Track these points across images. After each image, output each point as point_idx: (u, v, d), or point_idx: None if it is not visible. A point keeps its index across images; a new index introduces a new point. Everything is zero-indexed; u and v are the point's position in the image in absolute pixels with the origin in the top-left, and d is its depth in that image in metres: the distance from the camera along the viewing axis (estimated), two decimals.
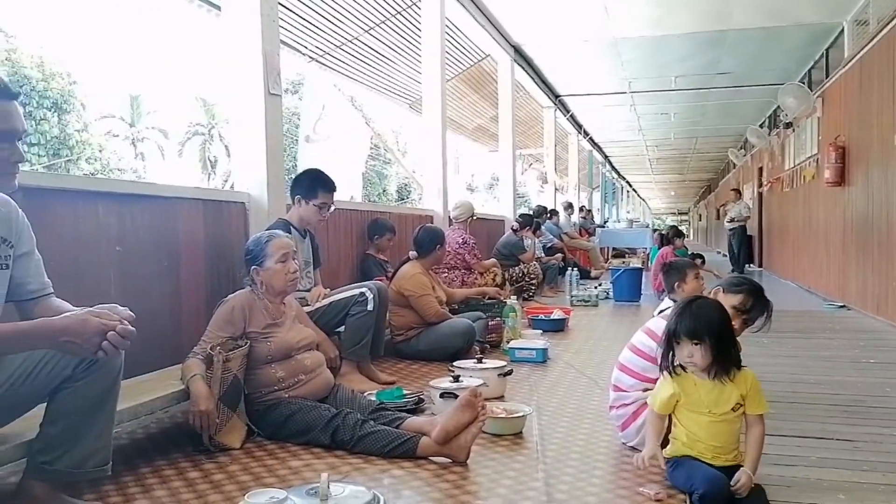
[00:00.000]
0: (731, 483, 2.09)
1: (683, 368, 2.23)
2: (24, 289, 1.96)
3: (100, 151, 30.62)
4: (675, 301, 3.73)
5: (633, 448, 2.60)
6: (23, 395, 1.89)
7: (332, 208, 3.78)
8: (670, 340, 2.21)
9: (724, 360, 2.17)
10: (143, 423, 2.93)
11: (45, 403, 1.92)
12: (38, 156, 26.19)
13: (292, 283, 2.91)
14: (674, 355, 2.22)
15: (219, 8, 4.66)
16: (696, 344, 2.16)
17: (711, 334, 2.15)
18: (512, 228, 8.36)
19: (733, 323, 2.38)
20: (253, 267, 2.88)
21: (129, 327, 1.78)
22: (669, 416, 2.30)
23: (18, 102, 1.84)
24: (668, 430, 2.32)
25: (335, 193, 3.81)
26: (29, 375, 1.87)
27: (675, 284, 3.59)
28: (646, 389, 2.58)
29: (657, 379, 2.52)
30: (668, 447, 2.27)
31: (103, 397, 1.94)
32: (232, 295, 2.90)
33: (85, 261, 2.69)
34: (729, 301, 2.59)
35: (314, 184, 3.71)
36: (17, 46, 26.66)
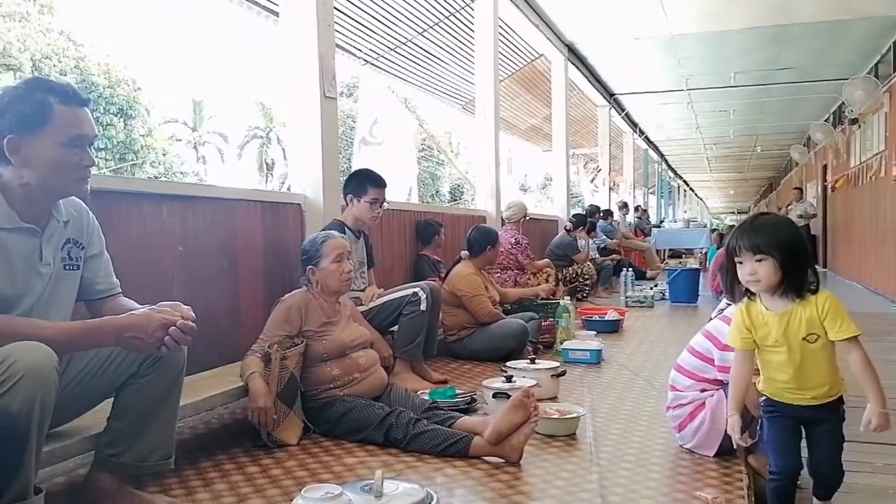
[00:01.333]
0: (862, 425, 1.93)
1: (750, 295, 2.01)
2: (94, 288, 2.04)
3: (163, 155, 31.56)
4: (728, 302, 3.66)
5: (690, 450, 2.56)
6: (91, 390, 1.97)
7: (385, 205, 3.82)
8: (732, 261, 1.99)
9: (797, 281, 1.90)
10: (203, 418, 3.02)
11: (113, 399, 1.99)
12: (105, 160, 27.14)
13: (347, 283, 2.96)
14: (737, 279, 1.99)
15: (277, 14, 4.77)
16: (760, 260, 1.91)
17: (778, 247, 1.90)
18: (565, 228, 8.29)
19: None
20: (309, 267, 2.94)
21: (190, 323, 1.84)
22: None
23: (88, 108, 1.90)
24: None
25: (386, 190, 3.84)
26: (97, 372, 1.95)
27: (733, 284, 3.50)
28: (703, 390, 2.53)
29: (715, 380, 2.48)
30: (759, 383, 2.07)
31: (167, 393, 2.00)
32: (288, 294, 2.96)
33: (150, 261, 2.78)
34: None
35: (363, 181, 3.76)
36: (85, 55, 27.69)
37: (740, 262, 1.98)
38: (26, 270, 1.84)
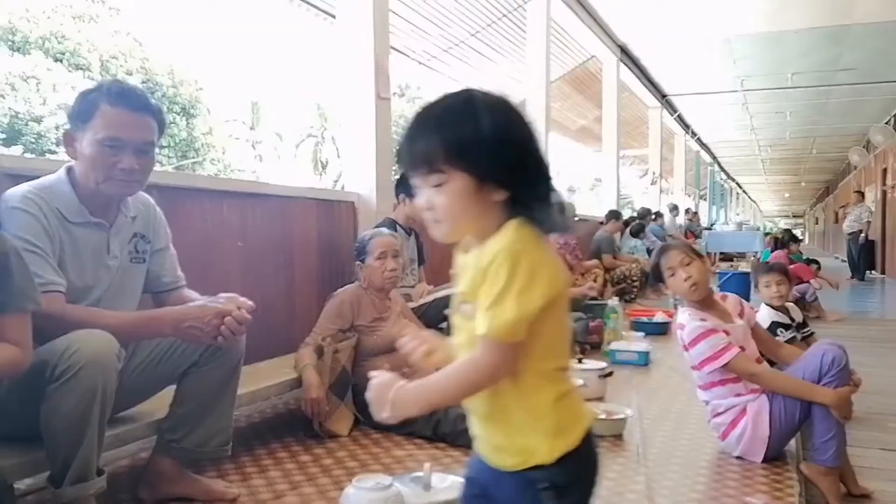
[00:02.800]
0: None
1: None
2: (160, 281, 2.13)
3: (223, 153, 32.24)
4: (773, 308, 3.60)
5: (738, 458, 2.53)
6: (154, 377, 2.06)
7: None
8: None
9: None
10: (259, 407, 3.11)
11: (175, 386, 2.07)
12: (168, 157, 27.85)
13: (390, 281, 2.98)
14: None
15: (333, 16, 4.85)
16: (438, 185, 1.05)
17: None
18: (599, 223, 8.17)
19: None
20: (357, 262, 3.01)
21: (245, 314, 1.91)
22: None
23: (143, 114, 1.89)
24: None
25: None
26: (160, 360, 2.03)
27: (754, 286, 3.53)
28: (737, 395, 2.50)
29: (721, 380, 2.47)
30: None
31: (226, 382, 2.08)
32: (342, 289, 3.03)
33: (210, 255, 2.88)
34: None
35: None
36: (150, 55, 28.46)
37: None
38: (94, 263, 1.93)
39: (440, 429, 2.63)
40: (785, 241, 8.68)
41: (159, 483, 2.08)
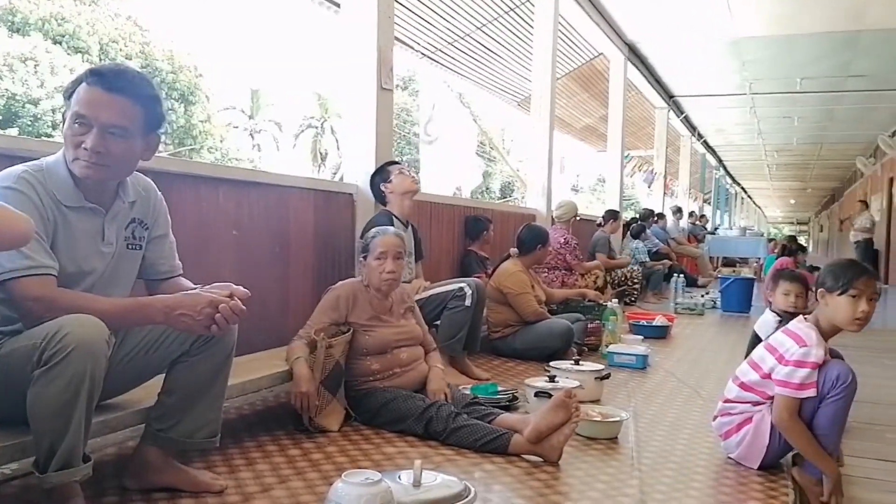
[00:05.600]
0: None
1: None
2: (156, 269, 2.09)
3: (220, 141, 32.26)
4: (776, 314, 3.57)
5: (734, 463, 2.51)
6: (143, 365, 2.02)
7: (413, 177, 3.79)
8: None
9: None
10: (249, 399, 3.08)
11: (164, 375, 2.03)
12: (165, 144, 27.88)
13: (386, 283, 2.92)
14: None
15: (338, 5, 4.81)
16: None
17: None
18: (597, 223, 8.12)
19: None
20: (361, 257, 2.98)
21: (240, 304, 1.86)
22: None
23: (118, 95, 1.80)
24: None
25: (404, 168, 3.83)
26: (150, 348, 1.99)
27: (769, 293, 3.48)
28: (756, 404, 2.47)
29: (770, 396, 2.42)
30: None
31: (216, 373, 2.04)
32: (340, 283, 2.99)
33: (205, 243, 2.85)
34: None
35: (384, 166, 3.76)
36: (150, 40, 28.44)
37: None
38: (88, 249, 1.89)
39: (432, 427, 2.60)
40: (793, 249, 8.64)
41: (145, 472, 2.05)
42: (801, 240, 22.59)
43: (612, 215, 8.29)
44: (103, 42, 25.85)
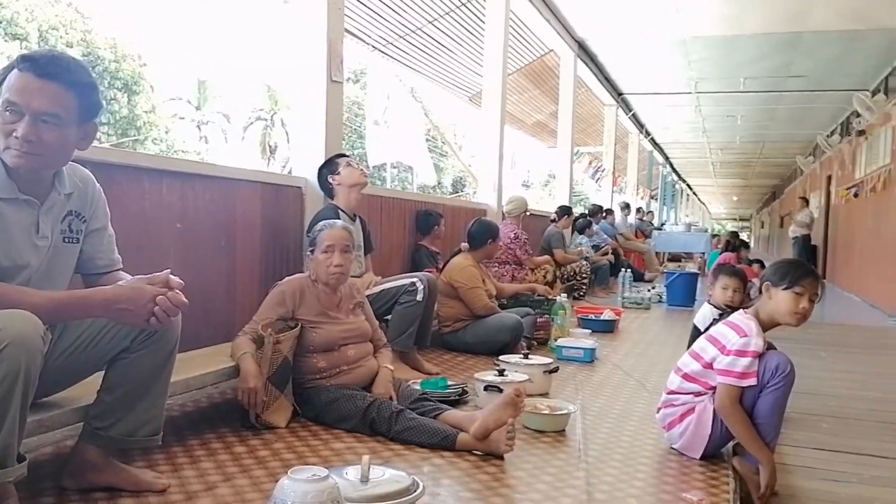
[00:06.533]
0: None
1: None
2: (94, 263, 2.02)
3: (166, 133, 31.53)
4: (715, 307, 3.67)
5: (677, 453, 2.56)
6: (82, 362, 1.96)
7: (362, 169, 3.77)
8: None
9: None
10: (194, 396, 3.02)
11: (104, 371, 1.98)
12: (108, 134, 27.13)
13: (334, 277, 2.88)
14: None
15: None
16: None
17: None
18: (551, 219, 8.23)
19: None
20: (308, 252, 2.94)
21: (181, 297, 1.82)
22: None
23: (54, 82, 1.74)
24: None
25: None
26: (89, 344, 1.93)
27: (710, 287, 3.58)
28: (698, 395, 2.53)
29: (712, 386, 2.48)
30: None
31: (158, 369, 1.99)
32: (286, 279, 2.95)
33: (147, 236, 2.78)
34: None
35: (332, 158, 3.73)
36: (92, 28, 27.60)
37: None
38: (22, 243, 1.82)
39: (375, 427, 2.59)
40: (736, 245, 8.88)
41: (84, 472, 1.99)
42: (744, 236, 23.23)
43: (565, 211, 8.41)
44: (42, 29, 24.99)
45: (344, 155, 3.80)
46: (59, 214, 1.91)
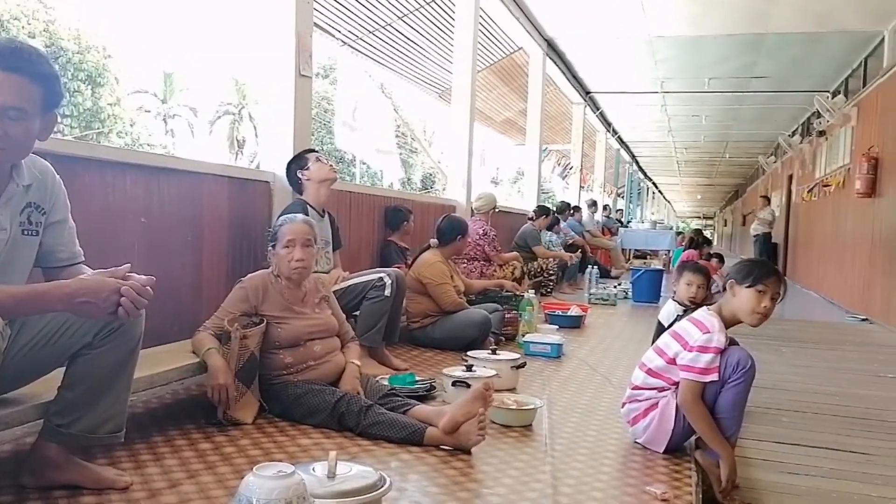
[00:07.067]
0: None
1: None
2: (55, 256, 1.98)
3: (131, 126, 30.97)
4: (679, 303, 3.73)
5: (641, 447, 2.60)
6: (43, 358, 1.92)
7: (331, 165, 3.75)
8: None
9: None
10: (158, 393, 2.98)
11: (64, 368, 1.94)
12: (71, 127, 26.56)
13: (296, 271, 2.86)
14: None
15: None
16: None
17: None
18: (528, 218, 8.31)
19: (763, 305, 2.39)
20: (269, 247, 2.91)
21: (147, 288, 1.78)
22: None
23: (16, 74, 1.70)
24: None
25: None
26: (50, 339, 1.90)
27: (675, 284, 3.64)
28: (661, 390, 2.57)
29: (676, 382, 2.52)
30: None
31: (121, 365, 1.96)
32: (249, 275, 2.91)
33: (111, 230, 2.73)
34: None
35: (301, 153, 3.72)
36: (55, 18, 26.98)
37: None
38: None
39: (344, 422, 2.58)
40: (699, 242, 9.03)
41: (44, 469, 1.96)
42: (707, 233, 23.59)
43: (543, 211, 8.54)
44: (3, 19, 24.36)
45: (313, 150, 3.78)
46: (18, 206, 1.87)
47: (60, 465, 1.96)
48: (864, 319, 7.53)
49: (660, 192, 35.15)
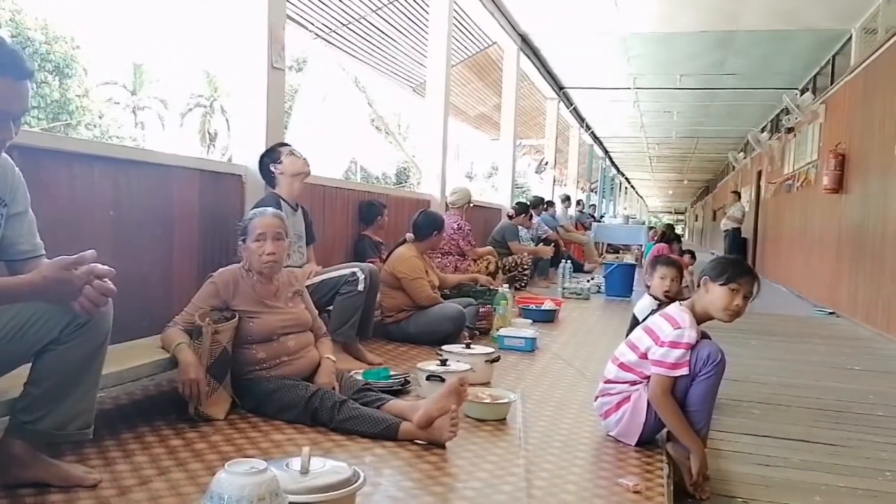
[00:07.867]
0: None
1: None
2: (16, 249, 1.94)
3: (100, 118, 30.48)
4: (654, 297, 3.77)
5: (614, 440, 2.62)
6: (8, 354, 1.88)
7: (304, 159, 3.72)
8: None
9: None
10: (127, 388, 2.93)
11: (31, 363, 1.91)
12: (38, 119, 26.04)
13: (268, 265, 2.83)
14: None
15: None
16: None
17: None
18: (508, 215, 8.35)
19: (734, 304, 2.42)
20: (239, 241, 2.88)
21: (110, 285, 1.78)
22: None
23: (22, 81, 1.73)
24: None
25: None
26: (15, 335, 1.85)
27: (647, 278, 3.68)
28: (633, 384, 2.59)
29: (647, 376, 2.54)
30: None
31: (89, 361, 1.93)
32: (220, 270, 2.87)
33: (78, 223, 2.68)
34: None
35: (274, 147, 3.68)
36: (21, 7, 26.41)
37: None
38: None
39: (318, 417, 2.57)
40: (670, 237, 9.13)
41: (10, 467, 1.92)
42: (679, 228, 23.88)
43: (522, 209, 8.57)
44: None
45: (286, 144, 3.74)
46: None
47: (27, 462, 1.93)
48: (831, 313, 7.67)
49: (632, 187, 35.45)
